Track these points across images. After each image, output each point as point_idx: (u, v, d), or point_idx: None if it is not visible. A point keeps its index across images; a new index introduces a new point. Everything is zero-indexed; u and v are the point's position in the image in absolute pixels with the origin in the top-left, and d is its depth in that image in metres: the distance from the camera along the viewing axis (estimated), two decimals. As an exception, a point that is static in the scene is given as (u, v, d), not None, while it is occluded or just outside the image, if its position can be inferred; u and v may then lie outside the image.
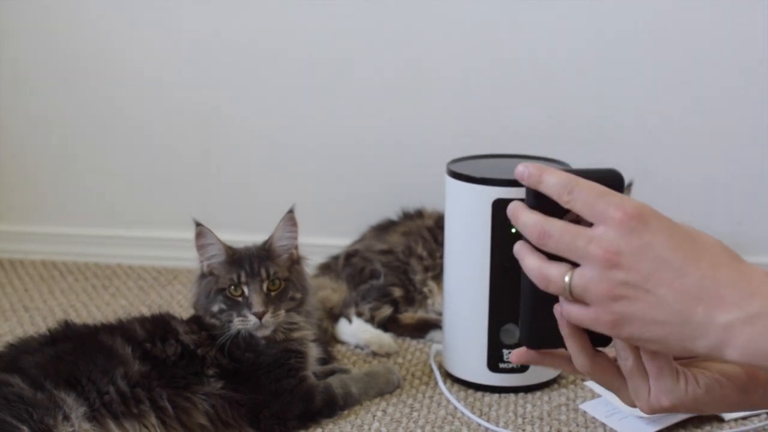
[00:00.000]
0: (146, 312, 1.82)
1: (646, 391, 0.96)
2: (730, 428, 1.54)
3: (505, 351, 1.68)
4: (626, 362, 0.96)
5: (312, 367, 1.63)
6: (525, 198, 0.95)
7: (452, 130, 2.23)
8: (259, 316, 1.54)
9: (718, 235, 0.90)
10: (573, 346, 0.97)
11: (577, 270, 0.90)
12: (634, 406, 0.98)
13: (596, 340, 0.98)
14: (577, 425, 1.58)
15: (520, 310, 1.01)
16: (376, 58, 2.23)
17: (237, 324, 1.55)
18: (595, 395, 1.66)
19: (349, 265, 2.06)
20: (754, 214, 2.16)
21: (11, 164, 2.41)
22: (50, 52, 2.32)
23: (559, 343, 0.99)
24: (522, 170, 0.94)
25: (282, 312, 1.57)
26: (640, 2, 2.12)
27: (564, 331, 0.97)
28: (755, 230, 2.16)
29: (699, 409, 0.99)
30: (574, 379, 1.74)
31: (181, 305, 2.10)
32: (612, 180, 0.94)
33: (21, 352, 1.48)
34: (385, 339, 1.88)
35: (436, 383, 1.74)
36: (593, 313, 0.91)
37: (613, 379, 0.99)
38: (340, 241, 2.20)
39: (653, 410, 0.97)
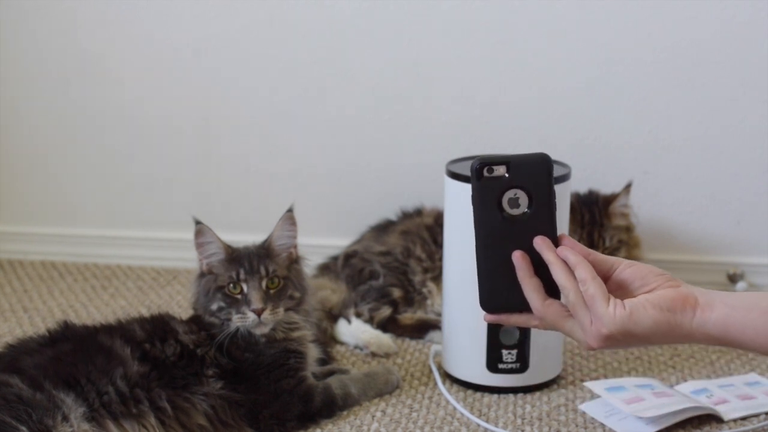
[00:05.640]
0: (145, 312, 1.83)
1: (588, 321, 1.11)
2: (730, 428, 1.54)
3: (504, 351, 1.67)
4: (568, 296, 1.11)
5: (311, 367, 1.63)
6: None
7: (452, 130, 2.23)
8: (258, 313, 1.53)
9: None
10: (527, 287, 1.14)
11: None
12: (587, 347, 1.14)
13: (548, 289, 1.14)
14: (577, 426, 1.58)
15: (477, 278, 1.15)
16: (376, 58, 2.23)
17: (236, 321, 1.55)
18: (594, 396, 1.66)
19: (348, 266, 2.06)
20: (754, 214, 2.16)
21: (11, 164, 2.41)
22: (50, 53, 2.32)
23: (513, 308, 1.16)
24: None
25: (281, 310, 1.57)
26: (639, 4, 2.12)
27: (520, 274, 1.13)
28: (754, 230, 2.16)
29: (636, 339, 1.11)
30: (574, 379, 1.74)
31: (180, 306, 2.09)
32: (540, 163, 1.12)
33: (20, 353, 1.48)
34: (384, 339, 1.88)
35: (436, 384, 1.74)
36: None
37: (564, 320, 1.14)
38: (339, 242, 2.20)
39: (598, 342, 1.11)
